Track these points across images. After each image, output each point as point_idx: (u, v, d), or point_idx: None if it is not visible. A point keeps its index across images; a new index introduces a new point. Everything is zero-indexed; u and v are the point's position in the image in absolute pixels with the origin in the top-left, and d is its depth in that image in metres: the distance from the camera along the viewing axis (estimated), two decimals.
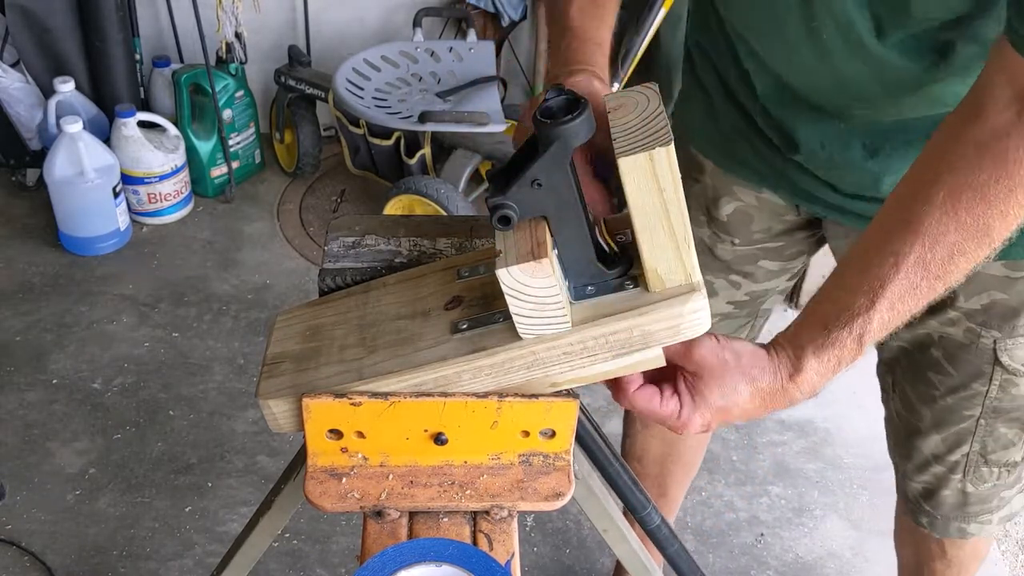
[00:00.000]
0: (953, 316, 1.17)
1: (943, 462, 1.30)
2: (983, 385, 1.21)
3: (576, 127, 0.75)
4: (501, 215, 0.79)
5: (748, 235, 1.30)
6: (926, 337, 1.22)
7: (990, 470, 1.29)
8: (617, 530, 1.17)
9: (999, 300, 1.13)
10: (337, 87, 2.71)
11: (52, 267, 2.72)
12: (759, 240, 1.30)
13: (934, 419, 1.27)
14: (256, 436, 2.24)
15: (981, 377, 1.20)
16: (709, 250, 1.35)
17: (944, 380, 1.23)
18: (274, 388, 0.89)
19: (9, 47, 2.91)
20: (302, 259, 2.81)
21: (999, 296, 1.13)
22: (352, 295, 0.98)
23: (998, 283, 1.12)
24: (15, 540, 1.98)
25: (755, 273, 1.35)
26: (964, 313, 1.16)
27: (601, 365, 0.85)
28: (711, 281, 1.37)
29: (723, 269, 1.36)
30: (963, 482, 1.30)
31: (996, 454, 1.27)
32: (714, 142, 1.27)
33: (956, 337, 1.19)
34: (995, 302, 1.14)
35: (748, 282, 1.36)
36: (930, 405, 1.27)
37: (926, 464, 1.32)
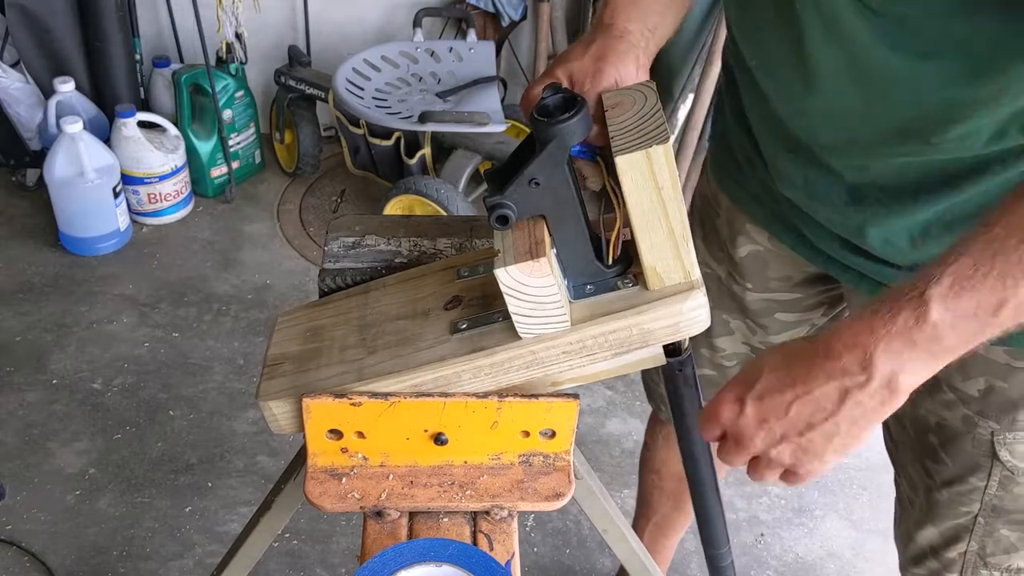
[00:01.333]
0: (948, 399, 1.08)
1: (939, 558, 1.20)
2: (981, 480, 1.10)
3: (573, 126, 0.76)
4: (499, 214, 0.79)
5: (764, 281, 1.23)
6: (924, 420, 1.13)
7: (990, 574, 1.17)
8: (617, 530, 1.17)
9: (998, 388, 1.04)
10: (337, 87, 2.71)
11: (52, 267, 2.72)
12: (775, 288, 1.23)
13: (931, 510, 1.18)
14: (256, 436, 2.24)
15: (979, 471, 1.10)
16: (726, 288, 1.28)
17: (940, 470, 1.14)
18: (274, 389, 0.89)
19: (9, 47, 2.91)
20: (302, 259, 2.81)
21: (998, 384, 1.04)
22: (352, 296, 0.98)
23: (999, 370, 1.03)
24: (15, 540, 1.98)
25: (770, 325, 1.28)
26: (960, 397, 1.07)
27: (601, 364, 0.85)
28: (727, 320, 1.30)
29: (739, 310, 1.29)
30: None
31: (996, 557, 1.16)
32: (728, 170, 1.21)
33: (953, 424, 1.10)
34: (994, 389, 1.05)
35: (763, 332, 1.30)
36: (927, 495, 1.18)
37: (922, 556, 1.23)
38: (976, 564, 1.18)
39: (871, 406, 0.73)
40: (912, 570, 1.26)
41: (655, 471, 1.68)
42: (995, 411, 1.07)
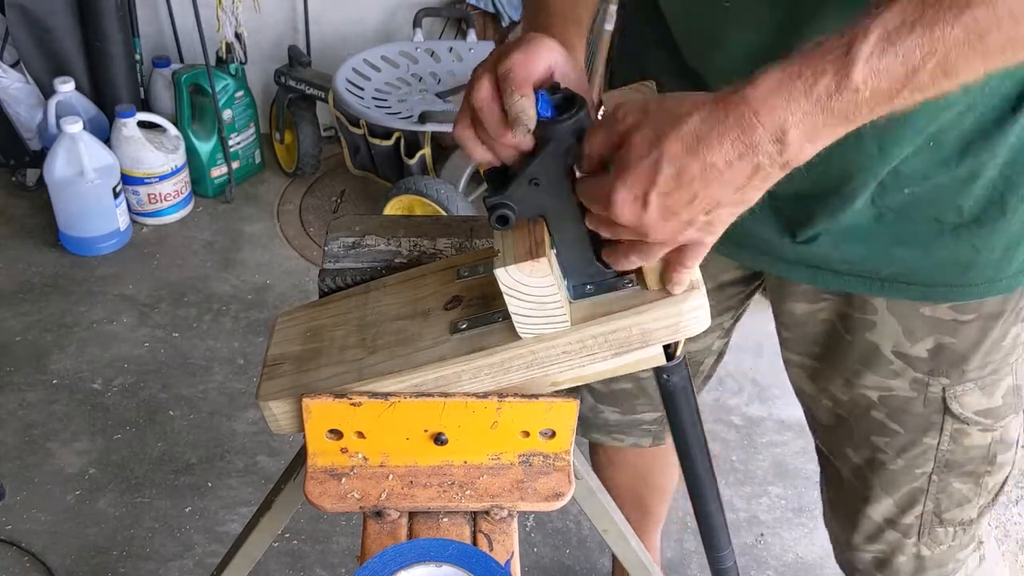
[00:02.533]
0: (895, 367, 1.10)
1: (896, 526, 1.22)
2: (933, 438, 1.14)
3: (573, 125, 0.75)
4: (499, 215, 0.79)
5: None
6: (863, 399, 1.15)
7: (945, 530, 1.21)
8: (617, 530, 1.17)
9: (947, 344, 1.07)
10: (337, 87, 2.71)
11: (52, 267, 2.72)
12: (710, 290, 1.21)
13: (884, 484, 1.20)
14: (256, 436, 2.24)
15: (931, 430, 1.13)
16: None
17: (892, 441, 1.16)
18: (274, 390, 0.90)
19: (9, 47, 2.91)
20: (302, 259, 2.81)
21: (947, 340, 1.07)
22: (352, 296, 0.98)
23: (946, 327, 1.06)
24: (15, 540, 1.98)
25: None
26: (908, 363, 1.09)
27: (601, 364, 0.85)
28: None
29: None
30: (918, 545, 1.23)
31: (951, 512, 1.20)
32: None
33: (900, 392, 1.12)
34: (943, 347, 1.07)
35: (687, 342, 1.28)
36: (879, 471, 1.19)
37: (878, 532, 1.24)
38: (932, 523, 1.20)
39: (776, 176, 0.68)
40: (868, 548, 1.26)
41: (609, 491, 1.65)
42: (946, 367, 1.09)
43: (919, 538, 1.22)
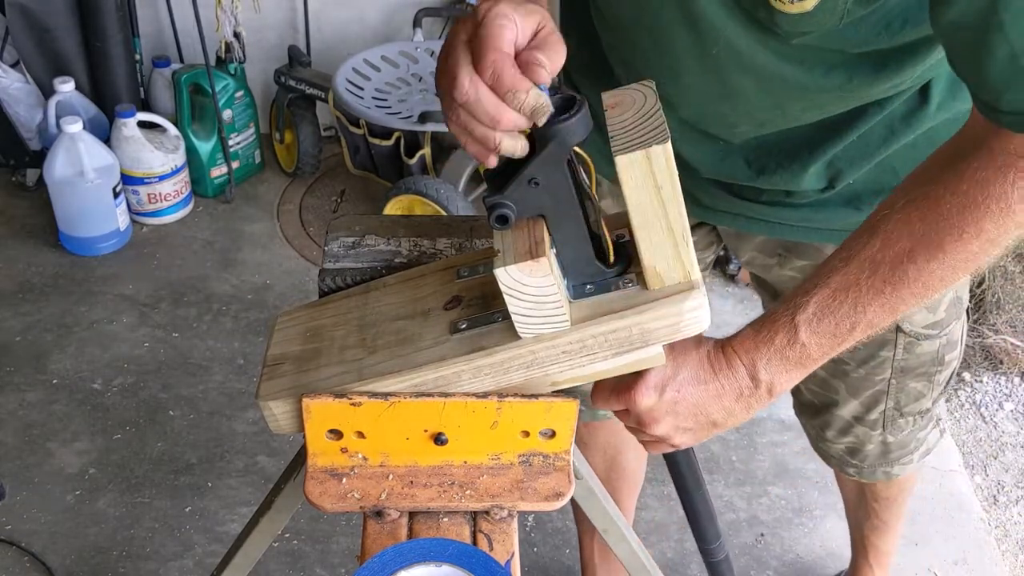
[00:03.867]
0: None
1: (863, 422, 1.37)
2: (889, 351, 1.27)
3: (573, 125, 0.75)
4: (499, 214, 0.79)
5: None
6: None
7: (905, 420, 1.36)
8: (617, 530, 1.17)
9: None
10: (337, 87, 2.71)
11: (52, 267, 2.72)
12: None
13: (849, 390, 1.34)
14: (256, 436, 2.23)
15: (886, 345, 1.26)
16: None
17: (852, 355, 1.28)
18: (274, 390, 0.90)
19: (9, 47, 2.91)
20: (302, 259, 2.81)
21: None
22: (352, 296, 0.98)
23: None
24: (15, 540, 1.98)
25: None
26: None
27: (601, 363, 0.85)
28: None
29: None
30: (883, 435, 1.38)
31: (909, 406, 1.35)
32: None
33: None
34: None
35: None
36: (843, 379, 1.33)
37: (847, 427, 1.39)
38: (894, 416, 1.36)
39: (756, 406, 0.91)
40: (840, 440, 1.42)
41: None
42: None
43: (884, 429, 1.37)
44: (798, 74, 0.95)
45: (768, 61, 0.94)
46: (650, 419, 0.91)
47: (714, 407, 0.90)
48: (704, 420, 0.92)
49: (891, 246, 0.83)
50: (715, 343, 0.91)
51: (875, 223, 0.85)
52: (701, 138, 1.10)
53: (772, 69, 0.95)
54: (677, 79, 1.02)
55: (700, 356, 0.90)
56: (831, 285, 0.85)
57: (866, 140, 1.06)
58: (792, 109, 1.02)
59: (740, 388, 0.90)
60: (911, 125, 1.05)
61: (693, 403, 0.90)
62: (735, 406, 0.91)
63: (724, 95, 1.02)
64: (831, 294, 0.85)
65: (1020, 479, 2.28)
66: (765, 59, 0.94)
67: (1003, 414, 2.43)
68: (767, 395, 0.90)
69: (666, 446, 0.96)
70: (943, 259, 0.82)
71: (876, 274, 0.83)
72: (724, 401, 0.90)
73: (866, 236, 0.85)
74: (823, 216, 1.13)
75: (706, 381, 0.89)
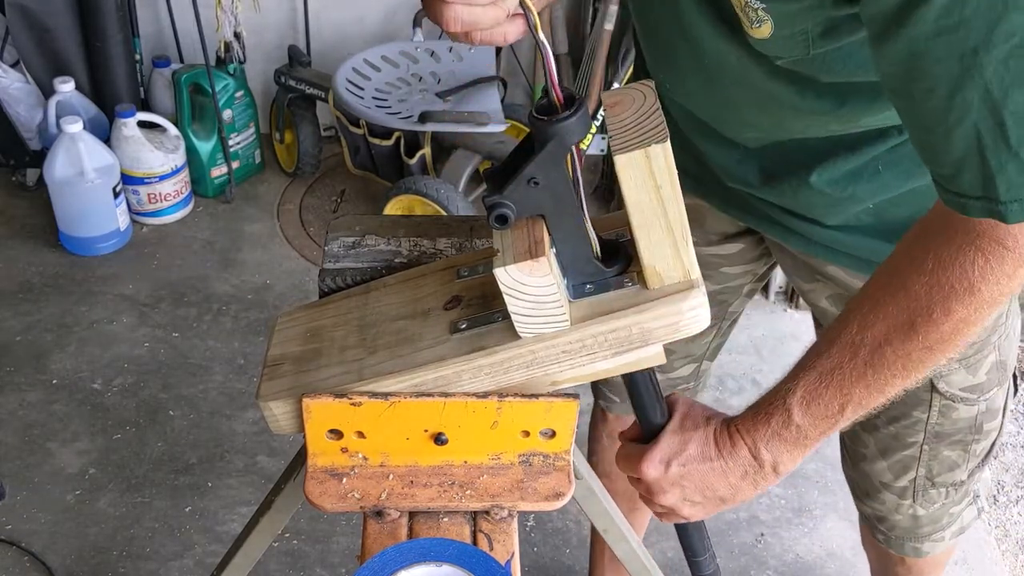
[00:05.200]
0: None
1: (892, 489, 1.31)
2: (923, 413, 1.21)
3: (572, 125, 0.75)
4: (498, 214, 0.79)
5: (704, 236, 1.26)
6: None
7: (938, 491, 1.30)
8: (617, 530, 1.17)
9: None
10: (337, 87, 2.71)
11: (52, 267, 2.72)
12: (716, 242, 1.28)
13: (878, 447, 1.29)
14: (256, 436, 2.23)
15: (920, 405, 1.21)
16: None
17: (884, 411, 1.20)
18: (275, 390, 0.90)
19: (9, 47, 2.91)
20: (302, 259, 2.81)
21: None
22: (352, 296, 0.98)
23: None
24: (15, 540, 1.98)
25: (713, 276, 1.32)
26: None
27: (601, 363, 0.85)
28: None
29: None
30: (913, 506, 1.32)
31: (942, 476, 1.28)
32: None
33: None
34: None
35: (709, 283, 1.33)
36: (872, 433, 1.28)
37: (876, 491, 1.34)
38: (925, 486, 1.30)
39: (763, 483, 0.94)
40: (868, 503, 1.38)
41: (605, 475, 1.62)
42: None
43: (914, 499, 1.31)
44: (789, 94, 0.95)
45: (758, 78, 0.94)
46: (658, 489, 0.95)
47: (720, 484, 0.94)
48: (711, 495, 0.95)
49: (867, 329, 0.85)
50: (722, 422, 0.94)
51: (853, 306, 0.87)
52: (720, 140, 1.09)
53: (763, 87, 0.95)
54: (684, 85, 1.04)
55: (707, 434, 0.93)
56: (816, 369, 0.88)
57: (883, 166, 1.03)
58: (792, 125, 1.01)
59: (744, 467, 0.93)
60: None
61: (699, 479, 0.93)
62: (741, 483, 0.94)
63: (723, 104, 1.03)
64: (817, 378, 0.87)
65: (1020, 479, 2.28)
66: (755, 76, 0.94)
67: None
68: (773, 473, 0.92)
69: (676, 516, 0.99)
70: (918, 341, 0.83)
71: (857, 357, 0.85)
72: (730, 479, 0.93)
73: (845, 320, 0.87)
74: (851, 240, 1.10)
75: (711, 459, 0.93)
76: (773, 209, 1.13)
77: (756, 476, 0.93)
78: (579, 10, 3.03)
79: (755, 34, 0.86)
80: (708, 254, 1.28)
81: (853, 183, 1.03)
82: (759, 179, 1.09)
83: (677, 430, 0.94)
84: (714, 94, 1.02)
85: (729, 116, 1.05)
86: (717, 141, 1.10)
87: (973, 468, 1.29)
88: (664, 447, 0.94)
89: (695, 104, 1.08)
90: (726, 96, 1.01)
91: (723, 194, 1.17)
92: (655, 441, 0.94)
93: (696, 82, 1.03)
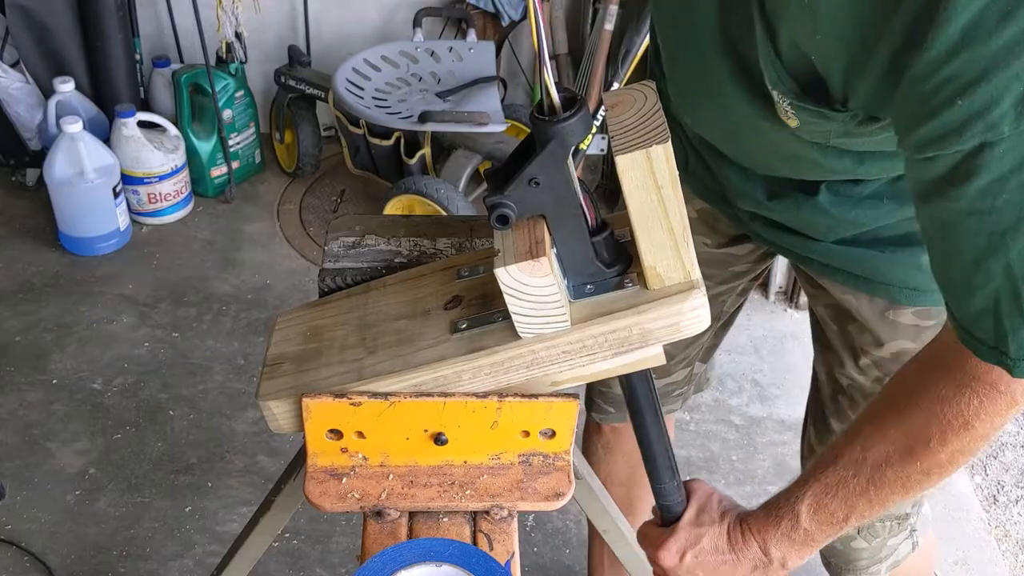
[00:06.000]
0: (864, 363, 1.21)
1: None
2: None
3: (574, 125, 0.75)
4: (499, 214, 0.79)
5: (715, 237, 1.27)
6: (836, 385, 1.28)
7: (883, 524, 1.34)
8: (617, 530, 1.17)
9: (908, 349, 1.16)
10: (337, 87, 2.71)
11: (52, 267, 2.72)
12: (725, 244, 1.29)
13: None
14: (256, 436, 2.23)
15: None
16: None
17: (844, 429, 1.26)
18: (274, 389, 0.89)
19: (9, 47, 2.91)
20: (302, 259, 2.81)
21: (908, 345, 1.16)
22: (352, 295, 0.98)
23: (908, 332, 1.15)
24: (15, 540, 1.98)
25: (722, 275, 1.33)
26: (874, 361, 1.20)
27: (601, 363, 0.85)
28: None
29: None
30: (856, 539, 1.36)
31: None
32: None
33: (863, 386, 1.23)
34: (904, 351, 1.16)
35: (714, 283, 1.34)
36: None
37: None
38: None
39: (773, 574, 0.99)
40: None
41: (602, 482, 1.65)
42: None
43: (858, 532, 1.35)
44: (811, 152, 0.98)
45: (782, 139, 0.97)
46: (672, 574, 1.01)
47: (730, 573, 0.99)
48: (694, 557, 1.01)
49: (870, 450, 0.90)
50: (735, 517, 1.00)
51: (859, 425, 0.93)
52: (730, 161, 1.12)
53: (786, 145, 0.98)
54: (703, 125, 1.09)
55: (722, 529, 1.00)
56: (823, 480, 0.93)
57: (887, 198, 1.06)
58: (806, 174, 1.06)
59: (755, 562, 0.98)
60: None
61: (712, 570, 0.99)
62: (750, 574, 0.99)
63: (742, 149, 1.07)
64: (823, 489, 0.93)
65: (1020, 479, 2.28)
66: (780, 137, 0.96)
67: None
68: (781, 568, 0.98)
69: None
70: (916, 465, 0.88)
71: (860, 475, 0.91)
72: (739, 570, 0.99)
73: (851, 437, 0.93)
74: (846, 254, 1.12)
75: (724, 552, 0.99)
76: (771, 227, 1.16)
77: (765, 570, 0.99)
78: (579, 10, 3.03)
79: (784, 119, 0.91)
80: (722, 253, 1.29)
81: (857, 208, 1.07)
82: (765, 195, 1.11)
83: (694, 523, 1.00)
84: (734, 139, 1.07)
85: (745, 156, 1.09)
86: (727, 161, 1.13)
87: (918, 500, 1.33)
88: (681, 538, 1.00)
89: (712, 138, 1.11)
90: (748, 144, 1.06)
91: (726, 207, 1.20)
92: (673, 529, 1.00)
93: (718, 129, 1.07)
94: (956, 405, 0.84)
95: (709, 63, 0.97)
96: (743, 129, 1.02)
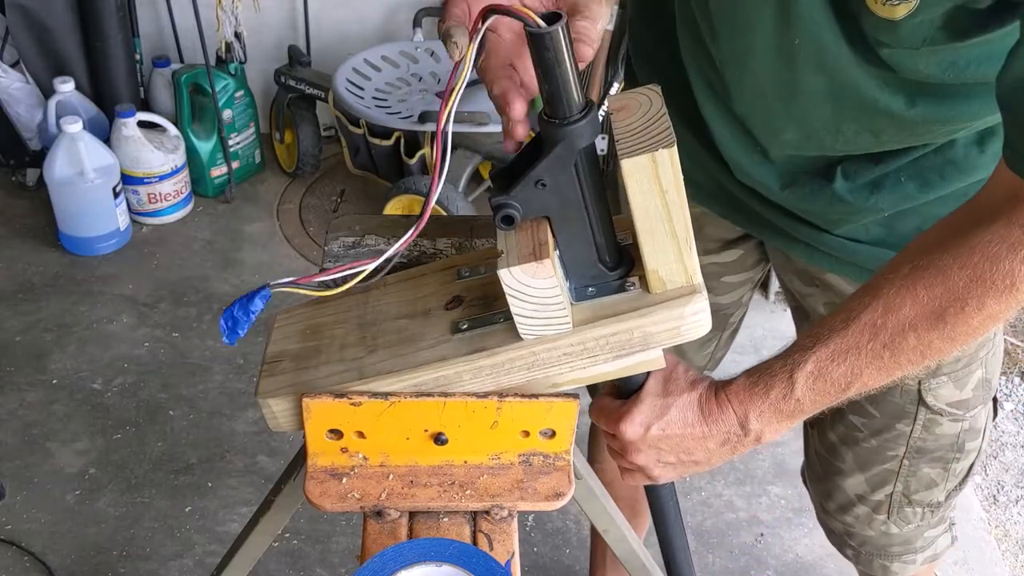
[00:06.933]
0: None
1: (866, 502, 1.30)
2: (907, 425, 1.20)
3: (582, 128, 0.75)
4: (504, 215, 0.79)
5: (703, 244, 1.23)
6: None
7: (913, 510, 1.29)
8: (617, 530, 1.17)
9: None
10: (337, 87, 2.71)
11: (52, 267, 2.72)
12: (714, 250, 1.26)
13: (857, 460, 1.27)
14: (256, 436, 2.24)
15: (905, 418, 1.20)
16: None
17: (868, 423, 1.22)
18: (274, 387, 0.90)
19: (9, 47, 2.91)
20: (302, 259, 2.81)
21: None
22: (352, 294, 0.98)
23: None
24: (15, 540, 1.98)
25: (716, 287, 1.30)
26: None
27: (602, 366, 0.85)
28: None
29: None
30: (887, 523, 1.31)
31: (919, 494, 1.27)
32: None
33: None
34: None
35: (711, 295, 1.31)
36: (852, 447, 1.26)
37: (849, 504, 1.32)
38: (901, 503, 1.28)
39: (740, 450, 0.93)
40: (840, 517, 1.35)
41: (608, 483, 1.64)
42: None
43: (888, 516, 1.29)
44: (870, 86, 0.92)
45: (847, 64, 0.91)
46: (632, 448, 0.93)
47: (697, 448, 0.92)
48: (686, 459, 0.94)
49: (893, 312, 0.83)
50: (709, 386, 0.92)
51: (878, 286, 0.85)
52: (743, 136, 1.06)
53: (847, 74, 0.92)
54: (744, 65, 0.98)
55: (692, 398, 0.91)
56: (830, 346, 0.85)
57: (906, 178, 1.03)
58: (847, 128, 0.99)
59: (727, 435, 0.91)
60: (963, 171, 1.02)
61: (678, 443, 0.92)
62: (719, 449, 0.92)
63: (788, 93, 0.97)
64: (830, 355, 0.85)
65: (1020, 479, 2.28)
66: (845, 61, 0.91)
67: (1003, 414, 2.43)
68: (754, 443, 0.91)
69: (644, 477, 0.97)
70: (944, 330, 0.82)
71: (876, 339, 0.84)
72: (708, 444, 0.92)
73: (868, 299, 0.85)
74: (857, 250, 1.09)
75: (694, 424, 0.91)
76: (781, 216, 1.11)
77: (737, 444, 0.92)
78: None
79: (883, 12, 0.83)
80: (708, 263, 1.26)
81: (876, 192, 1.03)
82: (779, 182, 1.07)
83: (660, 392, 0.91)
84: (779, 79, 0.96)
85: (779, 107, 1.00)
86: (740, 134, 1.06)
87: (951, 490, 1.28)
88: (645, 409, 0.91)
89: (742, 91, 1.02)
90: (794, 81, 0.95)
91: (726, 199, 1.15)
92: (636, 400, 0.91)
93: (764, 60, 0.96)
94: (1008, 264, 0.78)
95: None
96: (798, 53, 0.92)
